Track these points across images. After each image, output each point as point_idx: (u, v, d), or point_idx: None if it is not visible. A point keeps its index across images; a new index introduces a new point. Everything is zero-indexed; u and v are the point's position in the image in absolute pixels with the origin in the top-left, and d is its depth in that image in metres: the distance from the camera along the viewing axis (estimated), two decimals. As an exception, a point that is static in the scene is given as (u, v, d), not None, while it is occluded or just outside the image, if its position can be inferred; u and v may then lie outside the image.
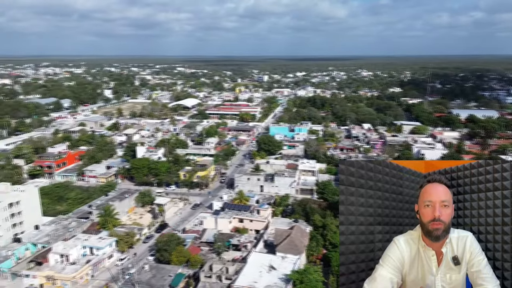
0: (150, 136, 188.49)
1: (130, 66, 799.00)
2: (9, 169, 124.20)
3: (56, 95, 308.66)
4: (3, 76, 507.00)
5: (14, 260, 77.15)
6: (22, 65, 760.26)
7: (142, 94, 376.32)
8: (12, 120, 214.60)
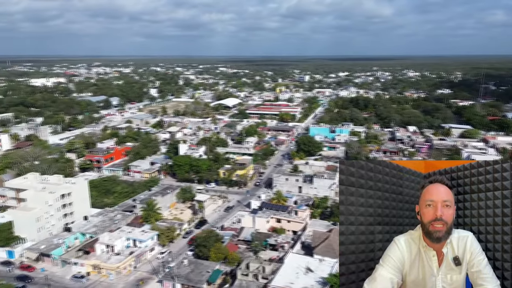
0: (192, 134, 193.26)
1: (175, 66, 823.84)
2: (62, 162, 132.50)
3: (106, 93, 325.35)
4: (59, 75, 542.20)
5: (64, 248, 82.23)
6: (76, 65, 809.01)
7: (185, 93, 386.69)
8: (66, 116, 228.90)
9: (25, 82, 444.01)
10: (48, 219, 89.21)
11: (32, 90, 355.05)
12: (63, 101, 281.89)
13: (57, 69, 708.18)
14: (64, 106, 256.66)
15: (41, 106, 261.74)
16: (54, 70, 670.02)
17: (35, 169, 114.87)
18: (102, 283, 73.60)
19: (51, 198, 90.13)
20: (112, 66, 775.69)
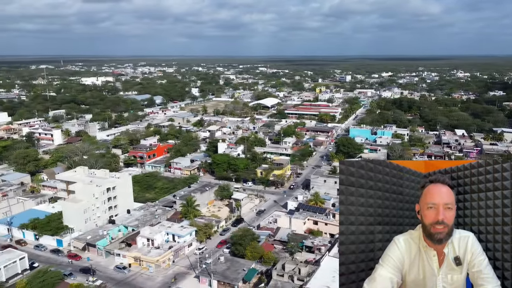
0: (231, 133, 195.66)
1: (216, 66, 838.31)
2: (108, 158, 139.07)
3: (150, 92, 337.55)
4: (107, 75, 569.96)
5: (108, 239, 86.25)
6: (123, 65, 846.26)
7: (225, 93, 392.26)
8: (113, 113, 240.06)
9: (76, 80, 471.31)
10: (94, 211, 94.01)
11: (82, 88, 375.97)
12: (110, 99, 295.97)
13: (105, 68, 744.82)
14: (111, 104, 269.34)
15: (91, 104, 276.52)
16: (103, 70, 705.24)
17: (84, 163, 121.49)
18: (142, 275, 76.40)
19: (98, 191, 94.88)
20: (156, 66, 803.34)
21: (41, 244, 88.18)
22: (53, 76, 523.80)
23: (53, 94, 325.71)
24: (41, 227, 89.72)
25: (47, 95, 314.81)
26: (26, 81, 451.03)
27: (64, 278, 71.21)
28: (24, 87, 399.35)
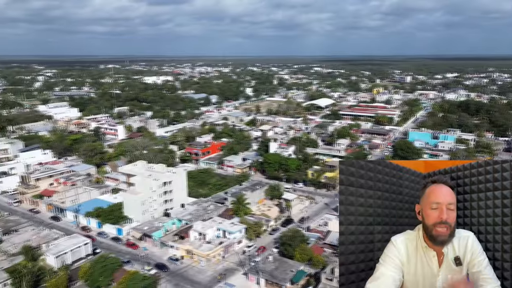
0: (283, 133, 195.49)
1: (270, 66, 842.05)
2: (166, 153, 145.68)
3: (206, 91, 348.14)
4: (167, 74, 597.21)
5: (163, 231, 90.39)
6: (182, 65, 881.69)
7: (279, 93, 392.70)
8: (171, 111, 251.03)
9: (139, 79, 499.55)
10: (151, 203, 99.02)
11: (144, 87, 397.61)
12: (169, 97, 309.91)
13: (166, 68, 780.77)
14: (170, 102, 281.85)
15: (151, 102, 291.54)
16: (164, 69, 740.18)
17: (143, 157, 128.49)
18: (193, 268, 79.05)
19: (155, 184, 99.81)
20: (213, 66, 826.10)
21: (103, 231, 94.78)
22: (119, 75, 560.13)
23: (118, 92, 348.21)
24: (104, 216, 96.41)
25: (113, 92, 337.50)
26: (95, 80, 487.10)
27: (122, 265, 75.84)
28: (94, 85, 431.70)
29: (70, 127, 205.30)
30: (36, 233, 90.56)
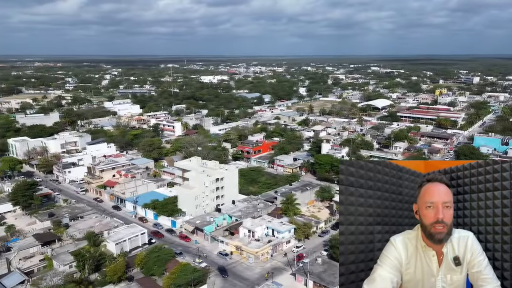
0: (336, 134, 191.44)
1: (325, 66, 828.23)
2: (219, 150, 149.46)
3: (259, 91, 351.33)
4: (223, 73, 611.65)
5: (214, 226, 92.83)
6: (237, 64, 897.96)
7: (333, 93, 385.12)
8: (225, 110, 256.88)
9: (196, 78, 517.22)
10: (204, 198, 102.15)
11: (201, 85, 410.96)
12: (224, 96, 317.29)
13: (222, 68, 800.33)
14: (225, 101, 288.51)
15: (207, 100, 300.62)
16: (220, 69, 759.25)
17: (198, 154, 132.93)
18: (242, 264, 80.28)
19: (208, 180, 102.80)
20: (267, 66, 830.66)
21: (158, 223, 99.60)
22: (177, 74, 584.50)
23: (176, 90, 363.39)
24: (160, 208, 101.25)
25: (171, 91, 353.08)
26: (156, 78, 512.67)
27: (175, 256, 79.14)
28: (154, 83, 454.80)
29: (132, 123, 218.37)
30: (99, 220, 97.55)
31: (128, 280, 71.82)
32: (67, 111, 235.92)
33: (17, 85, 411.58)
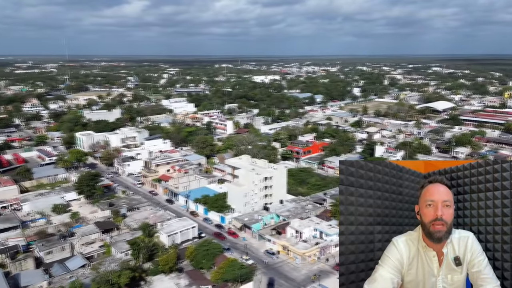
0: (391, 136, 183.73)
1: (382, 66, 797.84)
2: (268, 150, 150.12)
3: (311, 91, 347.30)
4: (275, 73, 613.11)
5: (262, 224, 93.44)
6: (290, 64, 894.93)
7: (389, 94, 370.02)
8: (276, 109, 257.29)
9: (249, 78, 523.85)
10: (253, 196, 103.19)
11: (253, 85, 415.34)
12: (275, 96, 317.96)
13: (274, 68, 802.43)
14: (276, 100, 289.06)
15: (258, 100, 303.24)
16: (272, 69, 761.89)
17: (248, 152, 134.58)
18: (288, 264, 80.00)
19: (257, 179, 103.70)
20: (321, 65, 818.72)
21: (208, 218, 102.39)
22: (231, 74, 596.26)
23: (229, 90, 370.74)
24: (210, 203, 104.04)
25: (225, 90, 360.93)
26: (210, 78, 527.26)
27: (223, 251, 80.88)
28: (209, 83, 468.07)
29: (187, 121, 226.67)
30: (153, 212, 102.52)
31: (178, 271, 74.68)
32: (128, 108, 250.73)
33: (85, 83, 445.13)
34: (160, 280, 71.79)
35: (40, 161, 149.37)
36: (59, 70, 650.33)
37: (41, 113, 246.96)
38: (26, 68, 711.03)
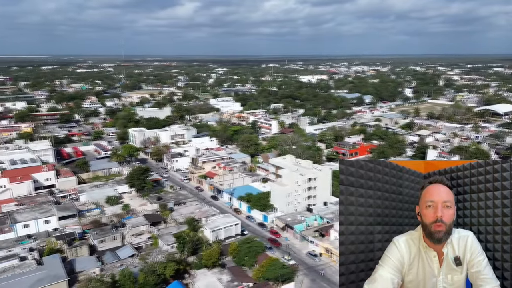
0: (445, 140, 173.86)
1: (437, 65, 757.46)
2: (313, 150, 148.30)
3: (360, 91, 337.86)
4: (322, 73, 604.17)
5: (305, 225, 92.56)
6: (338, 64, 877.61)
7: (444, 95, 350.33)
8: (322, 110, 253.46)
9: (295, 78, 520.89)
10: (296, 197, 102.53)
11: (299, 85, 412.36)
12: (322, 96, 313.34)
13: (322, 67, 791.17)
14: (323, 100, 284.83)
15: (304, 100, 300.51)
16: (319, 68, 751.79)
17: (292, 152, 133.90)
18: (331, 267, 78.55)
19: (301, 179, 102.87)
20: (371, 65, 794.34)
21: (251, 216, 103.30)
22: (277, 74, 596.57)
23: (275, 89, 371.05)
24: (253, 202, 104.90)
25: (270, 90, 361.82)
26: (257, 78, 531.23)
27: (265, 250, 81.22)
28: (255, 82, 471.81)
29: (233, 119, 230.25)
30: (198, 207, 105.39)
31: (221, 267, 76.12)
32: (177, 106, 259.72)
33: (138, 82, 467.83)
34: (203, 274, 73.62)
35: (96, 154, 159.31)
36: (116, 70, 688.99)
37: (98, 109, 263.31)
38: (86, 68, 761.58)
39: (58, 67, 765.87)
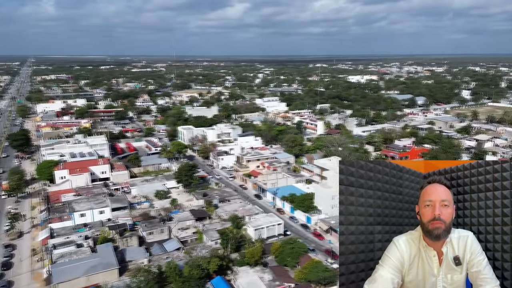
0: (506, 146, 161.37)
1: (499, 66, 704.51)
2: (360, 153, 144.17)
3: (412, 92, 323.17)
4: (372, 73, 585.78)
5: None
6: (389, 64, 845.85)
7: (507, 98, 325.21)
8: (371, 111, 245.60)
9: (343, 78, 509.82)
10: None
11: (348, 85, 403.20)
12: (371, 97, 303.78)
13: (372, 67, 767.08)
14: (372, 101, 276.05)
15: (352, 100, 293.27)
16: (369, 68, 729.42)
17: (338, 154, 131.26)
18: (375, 274, 75.99)
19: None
20: (425, 65, 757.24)
21: (294, 216, 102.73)
22: (325, 74, 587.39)
23: (322, 90, 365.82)
24: (297, 203, 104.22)
25: (317, 90, 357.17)
26: (304, 78, 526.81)
27: (308, 252, 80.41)
28: (302, 82, 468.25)
29: (278, 119, 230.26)
30: (242, 205, 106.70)
31: (263, 266, 76.54)
32: (224, 106, 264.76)
33: (188, 81, 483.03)
34: (245, 271, 74.44)
35: (147, 150, 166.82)
36: (167, 69, 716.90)
37: (150, 107, 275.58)
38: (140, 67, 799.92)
39: (115, 66, 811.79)
